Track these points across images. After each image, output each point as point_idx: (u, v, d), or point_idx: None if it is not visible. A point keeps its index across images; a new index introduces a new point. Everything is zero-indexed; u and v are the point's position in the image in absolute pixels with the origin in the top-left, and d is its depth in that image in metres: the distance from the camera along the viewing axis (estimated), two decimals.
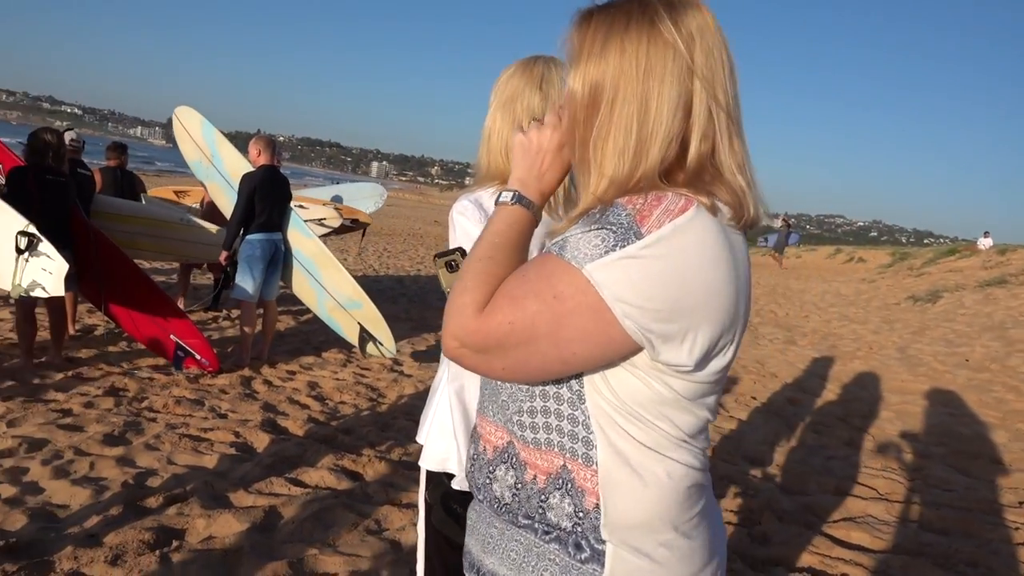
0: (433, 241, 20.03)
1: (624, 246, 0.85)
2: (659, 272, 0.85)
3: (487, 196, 1.52)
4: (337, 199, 8.24)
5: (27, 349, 4.92)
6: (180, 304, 6.73)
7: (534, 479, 0.98)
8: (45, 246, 4.40)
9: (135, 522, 2.94)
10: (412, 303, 9.25)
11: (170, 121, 6.64)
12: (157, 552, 2.73)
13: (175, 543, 2.83)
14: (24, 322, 4.90)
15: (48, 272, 4.37)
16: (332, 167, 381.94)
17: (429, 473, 1.58)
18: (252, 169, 5.65)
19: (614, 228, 0.87)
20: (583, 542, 0.95)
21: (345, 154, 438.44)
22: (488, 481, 1.04)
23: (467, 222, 1.48)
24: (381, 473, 3.72)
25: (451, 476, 1.52)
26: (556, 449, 0.97)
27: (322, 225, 7.60)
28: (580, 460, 0.95)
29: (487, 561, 1.04)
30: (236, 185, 5.66)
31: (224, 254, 5.55)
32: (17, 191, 4.65)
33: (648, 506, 0.94)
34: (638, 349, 0.90)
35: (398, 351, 6.25)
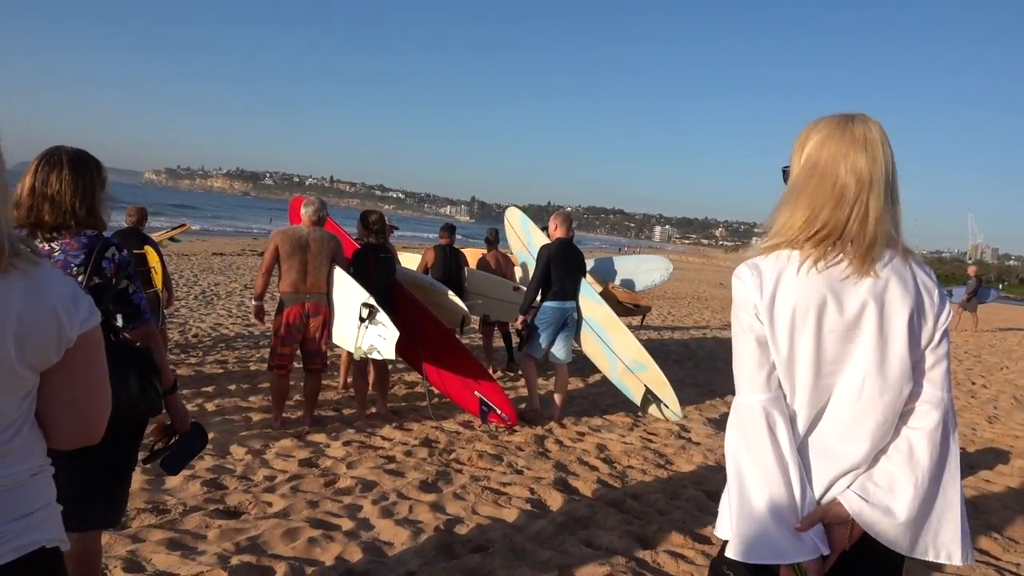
0: (718, 304, 19.48)
1: None
2: None
3: (765, 261, 1.48)
4: (628, 284, 8.27)
5: (361, 402, 5.73)
6: (488, 367, 7.35)
7: None
8: (382, 316, 5.13)
9: (445, 564, 3.22)
10: (698, 367, 9.05)
11: (472, 199, 7.46)
12: None
13: None
14: (359, 378, 5.72)
15: (383, 338, 5.08)
16: (616, 233, 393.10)
17: (726, 544, 1.54)
18: (549, 242, 6.06)
19: None
20: None
21: (628, 220, 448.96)
22: None
23: (740, 287, 1.48)
24: (671, 542, 3.65)
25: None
26: None
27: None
28: None
29: None
30: None
31: (520, 318, 5.98)
32: (359, 268, 5.51)
33: None
34: None
35: (685, 416, 6.13)
